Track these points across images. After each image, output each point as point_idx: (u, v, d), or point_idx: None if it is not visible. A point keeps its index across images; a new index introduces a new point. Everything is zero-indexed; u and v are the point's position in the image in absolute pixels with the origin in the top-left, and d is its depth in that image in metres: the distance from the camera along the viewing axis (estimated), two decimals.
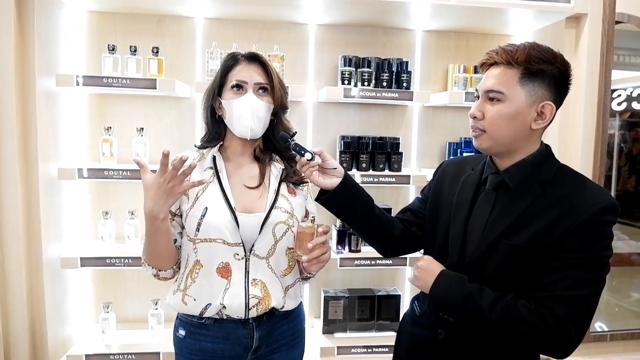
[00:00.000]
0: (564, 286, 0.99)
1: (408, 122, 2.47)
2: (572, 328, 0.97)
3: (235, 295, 1.22)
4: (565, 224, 1.00)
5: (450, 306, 1.08)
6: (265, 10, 2.15)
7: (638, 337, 2.50)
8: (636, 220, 3.23)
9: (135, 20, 2.22)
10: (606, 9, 2.13)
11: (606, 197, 1.03)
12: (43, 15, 1.90)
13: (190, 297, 1.24)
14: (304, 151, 1.19)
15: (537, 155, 1.10)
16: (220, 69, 1.30)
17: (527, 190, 1.07)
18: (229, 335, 1.24)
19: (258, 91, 1.27)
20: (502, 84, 1.05)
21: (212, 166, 1.28)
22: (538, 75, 1.04)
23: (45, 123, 1.94)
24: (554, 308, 0.98)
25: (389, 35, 2.41)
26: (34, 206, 1.93)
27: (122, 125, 2.21)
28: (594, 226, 0.99)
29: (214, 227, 1.20)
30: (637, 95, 3.11)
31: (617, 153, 3.09)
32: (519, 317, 0.99)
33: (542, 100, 1.05)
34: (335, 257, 2.15)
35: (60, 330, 2.09)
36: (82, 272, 2.23)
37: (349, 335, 2.30)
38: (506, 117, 1.05)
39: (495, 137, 1.07)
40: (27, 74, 1.88)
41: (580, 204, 1.01)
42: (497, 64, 1.07)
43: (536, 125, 1.06)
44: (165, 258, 1.25)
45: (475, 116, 1.09)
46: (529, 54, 1.03)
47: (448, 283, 1.08)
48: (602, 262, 1.01)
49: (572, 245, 0.99)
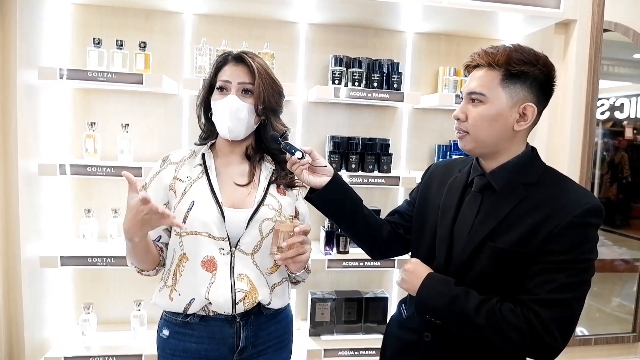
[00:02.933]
0: (548, 289, 0.98)
1: (398, 123, 2.47)
2: (557, 331, 0.97)
3: (221, 289, 1.20)
4: (549, 226, 1.00)
5: (437, 309, 1.08)
6: (256, 7, 2.12)
7: (622, 341, 2.53)
8: (618, 227, 3.29)
9: (122, 14, 2.17)
10: (595, 15, 2.16)
11: (590, 199, 1.03)
12: (26, 6, 1.85)
13: (177, 291, 1.23)
14: (294, 150, 1.20)
15: (522, 157, 1.10)
16: (212, 69, 1.31)
17: (512, 192, 1.07)
18: (214, 335, 1.22)
19: (242, 92, 1.26)
20: (483, 86, 1.06)
21: (202, 163, 1.29)
22: (519, 77, 1.04)
23: (25, 117, 1.88)
24: (538, 311, 0.98)
25: (380, 37, 2.40)
26: (12, 203, 1.87)
27: (107, 121, 2.16)
28: (578, 229, 0.99)
29: (200, 220, 1.20)
30: (620, 104, 3.17)
31: (600, 161, 3.14)
32: (504, 320, 0.99)
33: (523, 101, 1.05)
34: (323, 259, 2.13)
35: (38, 331, 2.02)
36: (62, 272, 2.17)
37: (335, 338, 2.28)
38: (488, 118, 1.06)
39: (478, 138, 1.08)
40: (8, 67, 1.82)
41: (564, 206, 1.01)
42: (479, 66, 1.08)
43: (518, 126, 1.07)
44: (145, 263, 1.26)
45: (458, 118, 1.10)
46: (510, 56, 1.04)
47: (435, 286, 1.09)
48: (586, 265, 1.00)
49: (556, 248, 0.99)
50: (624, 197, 3.31)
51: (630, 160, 3.28)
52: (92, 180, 2.20)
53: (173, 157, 1.32)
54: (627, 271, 3.09)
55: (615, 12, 2.35)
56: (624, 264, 3.13)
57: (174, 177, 1.27)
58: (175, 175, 1.27)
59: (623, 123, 3.25)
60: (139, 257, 1.23)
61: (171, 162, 1.30)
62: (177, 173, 1.28)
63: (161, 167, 1.30)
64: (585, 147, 2.22)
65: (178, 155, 1.32)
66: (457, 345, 1.11)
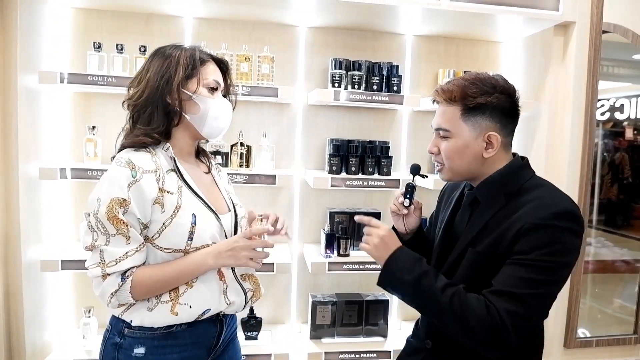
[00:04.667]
0: (506, 283, 1.01)
1: (398, 126, 2.47)
2: (510, 325, 0.98)
3: (236, 292, 1.22)
4: (516, 228, 1.03)
5: (403, 282, 1.09)
6: (255, 11, 2.13)
7: (623, 343, 2.52)
8: (619, 228, 3.29)
9: (122, 18, 2.18)
10: (594, 17, 2.16)
11: (563, 204, 1.04)
12: (26, 10, 1.86)
13: (185, 305, 1.13)
14: (412, 197, 1.29)
15: (504, 170, 1.14)
16: (186, 60, 1.16)
17: (494, 202, 1.12)
18: (198, 339, 1.19)
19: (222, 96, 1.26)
20: (446, 122, 1.12)
21: (174, 168, 1.16)
22: (478, 109, 1.09)
23: (26, 121, 1.89)
24: (495, 302, 1.00)
25: (380, 39, 2.40)
26: (13, 207, 1.87)
27: (107, 124, 2.16)
28: (543, 230, 1.00)
29: (208, 232, 1.16)
30: (620, 105, 3.17)
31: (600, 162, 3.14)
32: (467, 304, 1.01)
33: (487, 131, 1.10)
34: (323, 262, 2.13)
35: (38, 335, 2.02)
36: (63, 275, 2.17)
37: (336, 341, 2.27)
38: (456, 150, 1.12)
39: (453, 169, 1.15)
40: (8, 71, 1.83)
41: (534, 209, 1.03)
42: (441, 102, 1.14)
43: (487, 154, 1.12)
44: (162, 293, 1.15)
45: (432, 152, 1.17)
46: (465, 92, 1.09)
47: (405, 258, 1.12)
48: (550, 266, 0.99)
49: (519, 248, 1.02)
50: (624, 197, 3.31)
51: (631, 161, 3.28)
52: (92, 184, 2.15)
53: (140, 163, 1.10)
54: (628, 272, 3.08)
55: (614, 14, 2.35)
56: (625, 265, 3.12)
57: (160, 188, 1.10)
58: (162, 187, 1.10)
59: (623, 124, 3.25)
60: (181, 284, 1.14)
61: (145, 171, 1.09)
62: (162, 184, 1.11)
63: (134, 176, 1.07)
64: (585, 148, 2.21)
65: (145, 161, 1.11)
66: (454, 353, 1.15)
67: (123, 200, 1.06)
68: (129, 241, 1.07)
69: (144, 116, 1.16)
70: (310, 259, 2.16)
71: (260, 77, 2.13)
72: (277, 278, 2.39)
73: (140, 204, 1.07)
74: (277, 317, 2.44)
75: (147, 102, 1.15)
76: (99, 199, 1.07)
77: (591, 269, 2.92)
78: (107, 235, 1.06)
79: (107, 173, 1.10)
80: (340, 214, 2.31)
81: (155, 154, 1.15)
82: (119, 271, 1.07)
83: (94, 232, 1.07)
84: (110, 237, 1.06)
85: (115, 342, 1.16)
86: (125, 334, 1.15)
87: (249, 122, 2.30)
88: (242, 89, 2.02)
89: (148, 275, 1.10)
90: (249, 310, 2.24)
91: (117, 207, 1.05)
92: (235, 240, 1.15)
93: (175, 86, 1.14)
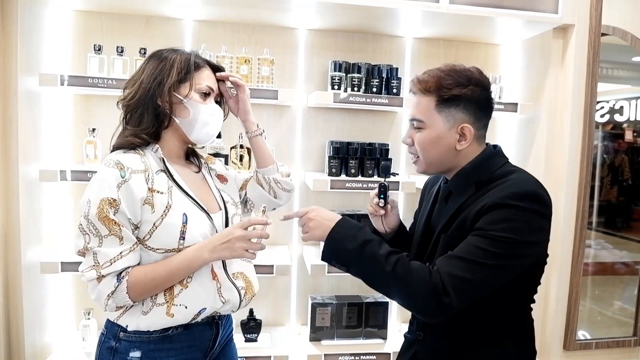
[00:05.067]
0: (458, 250, 1.03)
1: (397, 128, 2.47)
2: (451, 288, 0.98)
3: (229, 291, 1.21)
4: (477, 208, 1.05)
5: (347, 251, 1.09)
6: (256, 13, 2.13)
7: (623, 345, 2.52)
8: (619, 230, 3.29)
9: (122, 21, 2.18)
10: (593, 20, 2.16)
11: (525, 186, 1.05)
12: (27, 13, 1.86)
13: (180, 305, 1.13)
14: (386, 198, 1.29)
15: (475, 160, 1.15)
16: (181, 64, 1.16)
17: (464, 191, 1.14)
18: (194, 342, 1.19)
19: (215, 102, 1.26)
20: (421, 113, 1.13)
21: (164, 169, 1.17)
22: (452, 101, 1.10)
23: (26, 123, 1.89)
24: (442, 265, 1.02)
25: (379, 42, 2.41)
26: (13, 208, 1.87)
27: (108, 127, 2.13)
28: (501, 208, 1.02)
29: (200, 232, 1.16)
30: (620, 107, 3.17)
31: (600, 164, 3.14)
32: (410, 269, 1.03)
33: (460, 123, 1.11)
34: (323, 263, 2.13)
35: (38, 337, 2.02)
36: (63, 277, 2.17)
37: (336, 343, 2.27)
38: (430, 141, 1.13)
39: (427, 160, 1.16)
40: (9, 73, 1.83)
41: (498, 191, 1.05)
42: (417, 92, 1.15)
43: (460, 146, 1.13)
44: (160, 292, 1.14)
45: (407, 143, 1.19)
46: (440, 83, 1.10)
47: (348, 228, 1.12)
48: (506, 241, 1.00)
49: (479, 225, 1.03)
50: (624, 199, 3.31)
51: (631, 163, 3.28)
52: None
53: (129, 163, 1.10)
54: (628, 274, 3.08)
55: (613, 17, 2.36)
56: (624, 267, 3.12)
57: (149, 188, 1.10)
58: (151, 187, 1.11)
59: (623, 126, 3.25)
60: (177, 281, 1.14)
61: (134, 171, 1.09)
62: (151, 184, 1.11)
63: (123, 176, 1.07)
64: (584, 150, 2.22)
65: (133, 162, 1.11)
66: (443, 342, 1.17)
67: (113, 201, 1.06)
68: (122, 241, 1.07)
69: (135, 116, 1.17)
70: (309, 261, 2.16)
71: (260, 80, 2.14)
72: (276, 280, 2.40)
73: (130, 204, 1.07)
74: (277, 319, 2.44)
75: (138, 103, 1.15)
76: (89, 201, 1.07)
77: (591, 271, 2.92)
78: (100, 237, 1.06)
79: (96, 174, 1.10)
80: None
81: (144, 155, 1.16)
82: (114, 272, 1.07)
83: (85, 235, 1.07)
84: (103, 238, 1.06)
85: (110, 346, 1.15)
86: (120, 337, 1.14)
87: None
88: None
89: (143, 274, 1.09)
90: (248, 311, 2.24)
91: (107, 207, 1.05)
92: (231, 232, 1.13)
93: (166, 89, 1.14)
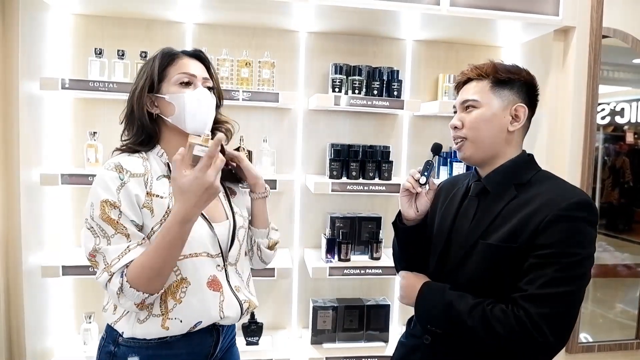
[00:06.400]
0: (537, 285, 0.99)
1: (398, 130, 2.47)
2: (546, 328, 0.96)
3: (231, 304, 1.18)
4: (536, 220, 1.02)
5: (435, 317, 1.11)
6: (256, 16, 2.14)
7: (625, 348, 2.51)
8: (620, 232, 3.28)
9: (123, 25, 2.19)
10: (594, 22, 2.16)
11: (578, 195, 1.04)
12: (28, 17, 1.86)
13: (175, 319, 1.11)
14: (428, 175, 1.22)
15: (516, 160, 1.16)
16: (155, 64, 1.14)
17: (504, 193, 1.11)
18: (194, 348, 1.17)
19: (205, 88, 1.18)
20: (476, 94, 1.14)
21: (167, 174, 1.14)
22: (507, 83, 1.13)
23: (27, 127, 1.89)
24: (527, 308, 0.98)
25: (380, 44, 2.41)
26: (14, 213, 1.87)
27: (108, 130, 2.16)
28: (564, 222, 1.00)
29: (198, 241, 1.12)
30: (621, 109, 3.17)
31: (601, 166, 3.13)
32: (496, 320, 1.00)
33: (514, 103, 1.13)
34: (324, 266, 2.13)
35: (39, 341, 2.02)
36: (64, 281, 2.17)
37: (337, 346, 2.27)
38: (483, 120, 1.13)
39: (477, 141, 1.14)
40: (10, 77, 1.83)
41: (551, 201, 1.03)
42: (470, 79, 1.17)
43: (512, 127, 1.13)
44: (167, 276, 1.07)
45: (455, 126, 1.17)
46: (496, 66, 1.14)
47: (431, 295, 1.13)
48: (576, 260, 0.99)
49: (543, 242, 1.00)
50: (625, 201, 3.30)
51: (632, 165, 3.27)
52: None
53: (129, 166, 1.10)
54: (630, 277, 3.08)
55: (613, 19, 2.36)
56: (626, 270, 3.11)
57: (148, 192, 1.09)
58: (150, 191, 1.10)
59: (624, 128, 3.25)
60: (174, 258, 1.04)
61: (133, 175, 1.09)
62: (150, 188, 1.10)
63: (122, 179, 1.07)
64: (585, 152, 2.21)
65: (135, 165, 1.11)
66: (455, 347, 1.13)
67: (113, 203, 1.06)
68: (130, 239, 1.07)
69: (130, 127, 1.17)
70: (311, 264, 2.16)
71: (260, 83, 2.14)
72: (277, 283, 2.39)
73: (130, 206, 1.07)
74: (278, 322, 2.43)
75: (130, 116, 1.16)
76: (92, 204, 1.07)
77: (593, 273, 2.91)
78: (107, 237, 1.06)
79: (96, 177, 1.10)
80: (341, 219, 2.31)
81: (147, 158, 1.15)
82: (123, 266, 1.05)
83: (96, 237, 1.07)
84: (110, 238, 1.06)
85: (109, 350, 1.15)
86: (119, 342, 1.13)
87: (250, 127, 2.30)
88: (242, 94, 2.03)
89: (139, 265, 1.04)
90: (249, 315, 2.23)
91: (109, 208, 1.05)
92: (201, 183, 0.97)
93: (144, 94, 1.13)
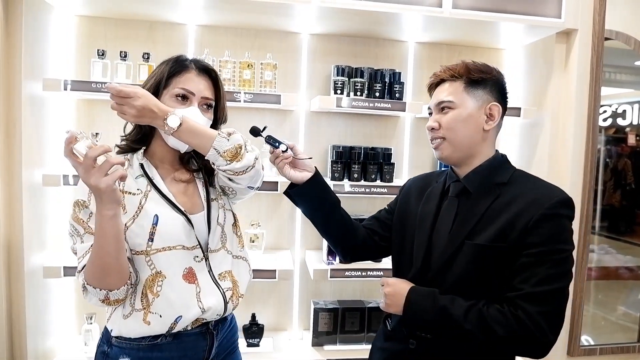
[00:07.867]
0: (532, 283, 1.02)
1: (400, 132, 2.47)
2: (546, 325, 1.00)
3: (210, 295, 1.18)
4: (524, 220, 1.05)
5: (426, 322, 1.11)
6: (258, 18, 2.14)
7: (627, 351, 2.50)
8: (622, 234, 3.27)
9: (126, 26, 2.19)
10: (596, 25, 2.16)
11: (560, 193, 1.09)
12: (31, 18, 1.87)
13: (155, 314, 1.12)
14: (278, 143, 1.21)
15: (493, 160, 1.18)
16: (165, 69, 1.18)
17: (487, 192, 1.13)
18: (186, 352, 1.16)
19: (202, 106, 1.19)
20: (450, 95, 1.16)
21: (143, 174, 1.17)
22: (480, 83, 1.16)
23: (30, 128, 1.90)
24: (525, 307, 1.01)
25: (382, 46, 2.41)
26: (16, 213, 1.87)
27: (110, 131, 2.16)
28: (551, 220, 1.04)
29: (170, 234, 1.13)
30: (622, 111, 3.17)
31: (603, 168, 3.13)
32: (494, 321, 1.02)
33: (488, 102, 1.16)
34: (325, 268, 2.13)
35: (40, 342, 2.02)
36: (66, 282, 2.17)
37: (338, 348, 2.26)
38: (460, 121, 1.15)
39: (454, 141, 1.16)
40: (13, 78, 1.84)
41: (536, 200, 1.06)
42: (443, 81, 1.19)
43: (488, 126, 1.16)
44: (115, 272, 1.05)
45: (432, 127, 1.18)
46: (468, 67, 1.16)
47: (420, 300, 1.12)
48: (565, 256, 1.04)
49: (533, 241, 1.03)
50: (627, 204, 3.29)
51: (634, 167, 3.27)
52: None
53: None
54: (632, 279, 3.07)
55: (616, 21, 2.35)
56: (628, 272, 3.10)
57: (120, 190, 1.11)
58: (122, 189, 1.12)
59: (626, 130, 3.24)
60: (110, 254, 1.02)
61: None
62: (121, 186, 1.12)
63: None
64: (587, 154, 2.21)
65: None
66: (442, 349, 1.13)
67: (83, 202, 1.10)
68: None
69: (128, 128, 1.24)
70: (312, 266, 2.16)
71: (262, 84, 2.14)
72: (279, 285, 2.39)
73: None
74: (279, 324, 2.43)
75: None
76: (72, 204, 1.12)
77: (594, 275, 2.90)
78: (80, 236, 1.11)
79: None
80: None
81: (131, 159, 1.20)
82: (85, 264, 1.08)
83: (72, 237, 1.13)
84: (82, 236, 1.11)
85: (103, 350, 1.17)
86: (112, 342, 1.15)
87: None
88: (244, 96, 2.03)
89: (89, 263, 1.06)
90: (250, 316, 2.23)
91: (78, 208, 1.10)
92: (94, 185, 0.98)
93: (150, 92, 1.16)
